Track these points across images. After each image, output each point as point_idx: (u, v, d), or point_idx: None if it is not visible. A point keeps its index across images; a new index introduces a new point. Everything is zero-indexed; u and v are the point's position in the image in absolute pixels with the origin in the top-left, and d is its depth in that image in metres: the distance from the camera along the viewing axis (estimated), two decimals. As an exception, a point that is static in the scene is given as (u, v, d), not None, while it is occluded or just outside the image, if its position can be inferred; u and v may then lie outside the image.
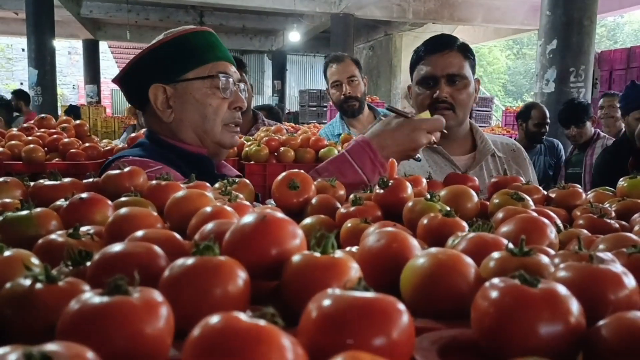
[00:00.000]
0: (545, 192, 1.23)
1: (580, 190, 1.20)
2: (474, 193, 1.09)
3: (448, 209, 0.90)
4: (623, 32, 30.68)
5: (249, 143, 2.65)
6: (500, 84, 30.66)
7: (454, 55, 1.81)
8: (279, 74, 20.41)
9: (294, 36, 16.09)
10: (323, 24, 15.07)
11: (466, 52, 1.85)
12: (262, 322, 0.38)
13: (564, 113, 4.66)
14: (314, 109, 13.98)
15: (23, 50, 19.24)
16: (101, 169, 1.53)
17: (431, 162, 1.90)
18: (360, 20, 14.01)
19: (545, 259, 0.62)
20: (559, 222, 0.96)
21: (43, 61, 11.03)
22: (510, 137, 4.18)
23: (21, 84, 24.56)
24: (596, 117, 4.92)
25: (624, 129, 4.89)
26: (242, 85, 1.55)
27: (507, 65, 32.31)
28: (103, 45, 19.60)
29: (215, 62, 1.48)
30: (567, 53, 6.21)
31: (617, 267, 0.56)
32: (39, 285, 0.50)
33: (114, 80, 1.55)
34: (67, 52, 26.05)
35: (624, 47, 8.29)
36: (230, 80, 1.49)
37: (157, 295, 0.45)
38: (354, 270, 0.57)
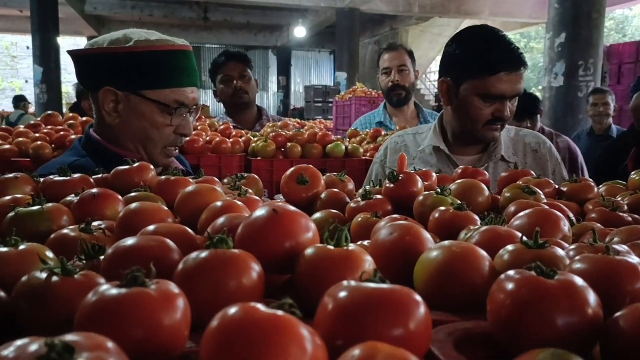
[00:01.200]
0: (557, 186, 1.22)
1: (592, 184, 1.19)
2: (484, 187, 1.08)
3: (459, 202, 0.89)
4: (632, 25, 30.42)
5: (255, 139, 2.65)
6: (506, 78, 30.47)
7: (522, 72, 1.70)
8: (284, 69, 20.40)
9: (299, 31, 16.06)
10: (328, 19, 15.03)
11: None
12: (280, 313, 0.38)
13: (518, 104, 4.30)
14: (319, 104, 13.96)
15: (28, 47, 19.32)
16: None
17: (433, 161, 1.85)
18: (365, 15, 13.96)
19: (560, 251, 0.62)
20: (571, 215, 0.95)
21: (47, 58, 11.08)
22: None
23: (26, 81, 24.69)
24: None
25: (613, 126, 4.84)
26: (195, 113, 1.55)
27: (513, 59, 32.08)
28: (108, 42, 19.65)
29: (177, 89, 1.46)
30: (575, 46, 6.16)
31: (634, 258, 0.55)
32: (55, 278, 0.50)
33: (72, 53, 1.50)
34: (72, 49, 26.09)
35: (633, 40, 8.23)
36: (184, 110, 1.48)
37: (174, 287, 0.45)
38: (368, 263, 0.57)
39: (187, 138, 1.58)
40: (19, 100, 10.14)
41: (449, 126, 1.86)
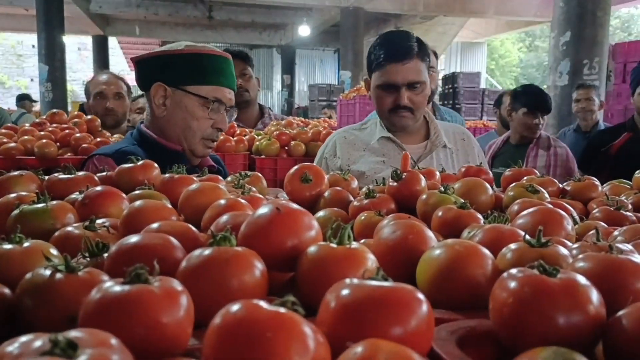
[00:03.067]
0: (560, 185, 1.22)
1: (597, 183, 1.18)
2: (488, 186, 1.08)
3: (463, 201, 0.89)
4: (637, 23, 30.25)
5: (259, 137, 2.65)
6: (512, 77, 30.37)
7: (415, 62, 1.88)
8: (288, 68, 20.38)
9: (304, 30, 16.04)
10: (332, 18, 15.00)
11: (422, 55, 1.91)
12: (282, 310, 0.38)
13: (533, 97, 3.62)
14: (324, 103, 13.94)
15: (33, 46, 19.41)
16: (83, 164, 1.78)
17: (385, 151, 1.98)
18: (370, 14, 13.93)
19: (563, 250, 0.62)
20: (575, 214, 0.95)
21: (53, 57, 11.10)
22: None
23: (31, 80, 24.78)
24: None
25: (600, 122, 4.78)
26: (231, 112, 1.79)
27: (519, 58, 31.99)
28: (112, 41, 19.70)
29: (217, 87, 1.69)
30: (580, 45, 6.13)
31: (637, 258, 0.55)
32: (59, 276, 0.50)
33: (134, 59, 1.77)
34: (77, 48, 26.21)
35: (639, 39, 8.17)
36: (222, 107, 1.71)
37: (177, 285, 0.45)
38: (371, 261, 0.57)
39: (223, 133, 1.79)
40: (22, 99, 10.19)
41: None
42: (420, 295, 0.45)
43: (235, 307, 0.38)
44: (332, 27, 16.10)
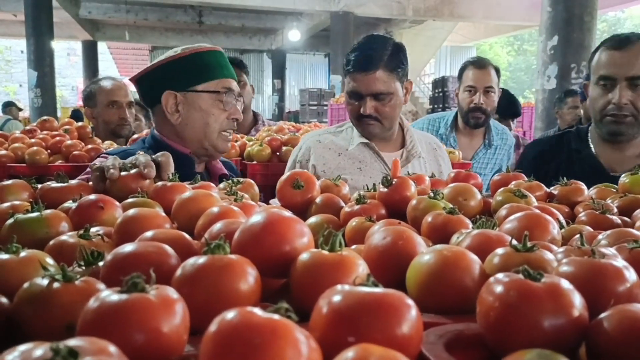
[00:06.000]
0: (548, 189, 1.24)
1: (583, 187, 1.21)
2: (476, 190, 1.10)
3: (452, 206, 0.91)
4: (624, 27, 30.62)
5: (250, 143, 2.66)
6: (501, 81, 30.61)
7: (379, 74, 1.86)
8: (279, 73, 20.41)
9: (294, 35, 16.09)
10: (323, 22, 15.07)
11: (391, 66, 1.87)
12: (276, 317, 0.39)
13: (506, 103, 3.77)
14: (315, 107, 13.99)
15: (22, 52, 19.26)
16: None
17: (362, 157, 1.98)
18: (360, 18, 14.01)
19: (548, 255, 0.64)
20: (561, 218, 0.97)
21: (42, 63, 11.05)
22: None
23: (20, 85, 24.60)
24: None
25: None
26: (240, 100, 1.79)
27: (508, 62, 32.28)
28: (102, 46, 19.62)
29: (222, 79, 1.72)
30: (568, 49, 6.21)
31: (619, 262, 0.57)
32: (56, 285, 0.51)
33: (132, 79, 1.77)
34: (66, 54, 26.08)
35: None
36: (233, 95, 1.73)
37: (173, 293, 0.46)
38: (362, 267, 0.58)
39: (239, 121, 1.81)
40: (8, 106, 10.13)
41: None
42: (409, 301, 0.46)
43: (230, 314, 0.39)
44: (323, 32, 16.16)
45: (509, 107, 3.91)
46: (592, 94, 1.91)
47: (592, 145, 1.95)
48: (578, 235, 0.70)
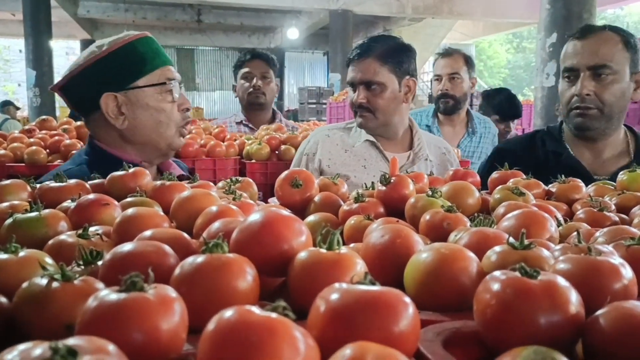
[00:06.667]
0: (546, 187, 1.24)
1: (581, 184, 1.21)
2: (475, 189, 1.10)
3: (450, 204, 0.91)
4: (623, 24, 30.62)
5: (249, 142, 2.66)
6: (500, 78, 30.61)
7: (369, 62, 1.89)
8: (278, 71, 20.33)
9: (293, 33, 16.08)
10: (321, 21, 15.06)
11: (385, 57, 1.90)
12: (274, 315, 0.39)
13: (501, 104, 3.83)
14: (313, 106, 13.97)
15: (20, 51, 19.23)
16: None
17: (367, 156, 1.98)
18: (358, 17, 14.01)
19: (545, 252, 0.64)
20: (559, 215, 0.98)
21: (41, 62, 11.05)
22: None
23: (19, 85, 24.57)
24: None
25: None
26: (182, 87, 1.63)
27: (507, 59, 32.28)
28: (101, 45, 19.60)
29: (162, 68, 1.53)
30: (566, 47, 6.20)
31: (615, 259, 0.57)
32: (55, 284, 0.51)
33: (53, 88, 1.57)
34: (65, 53, 26.02)
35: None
36: (177, 84, 1.56)
37: (172, 292, 0.46)
38: (360, 266, 0.59)
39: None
40: (6, 105, 10.13)
41: None
42: (407, 299, 0.47)
43: (228, 313, 0.39)
44: (321, 30, 16.16)
45: (509, 109, 3.91)
46: (560, 88, 1.84)
47: (568, 147, 1.85)
48: (575, 233, 0.70)
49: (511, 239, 0.65)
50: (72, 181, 1.12)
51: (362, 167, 1.96)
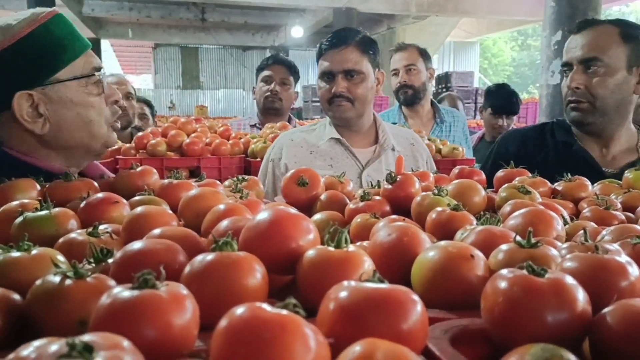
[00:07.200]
0: (552, 185, 1.25)
1: (587, 183, 1.21)
2: (481, 187, 1.10)
3: (456, 202, 0.92)
4: (628, 21, 30.37)
5: (254, 140, 2.67)
6: (505, 76, 30.51)
7: (350, 50, 1.88)
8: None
9: (297, 31, 16.06)
10: (326, 19, 15.02)
11: (364, 47, 1.90)
12: (285, 312, 0.40)
13: (498, 100, 3.87)
14: (317, 104, 13.94)
15: (27, 50, 19.24)
16: None
17: (333, 154, 1.96)
18: (363, 14, 13.96)
19: (552, 250, 0.64)
20: (565, 214, 0.98)
21: (47, 61, 11.06)
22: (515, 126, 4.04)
23: (25, 83, 24.62)
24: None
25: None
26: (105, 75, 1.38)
27: (511, 57, 32.16)
28: (105, 44, 19.65)
29: (85, 55, 1.28)
30: (571, 44, 6.17)
31: (622, 257, 0.58)
32: (68, 282, 0.52)
33: None
34: (71, 51, 26.05)
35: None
36: (104, 72, 1.32)
37: (183, 289, 0.47)
38: (368, 264, 0.59)
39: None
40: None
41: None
42: (415, 296, 0.47)
43: (240, 310, 0.40)
44: (325, 28, 16.11)
45: (503, 104, 3.89)
46: (562, 84, 1.85)
47: (577, 139, 1.86)
48: (582, 231, 0.70)
49: (518, 237, 0.66)
50: (81, 179, 1.13)
51: (328, 166, 1.94)
